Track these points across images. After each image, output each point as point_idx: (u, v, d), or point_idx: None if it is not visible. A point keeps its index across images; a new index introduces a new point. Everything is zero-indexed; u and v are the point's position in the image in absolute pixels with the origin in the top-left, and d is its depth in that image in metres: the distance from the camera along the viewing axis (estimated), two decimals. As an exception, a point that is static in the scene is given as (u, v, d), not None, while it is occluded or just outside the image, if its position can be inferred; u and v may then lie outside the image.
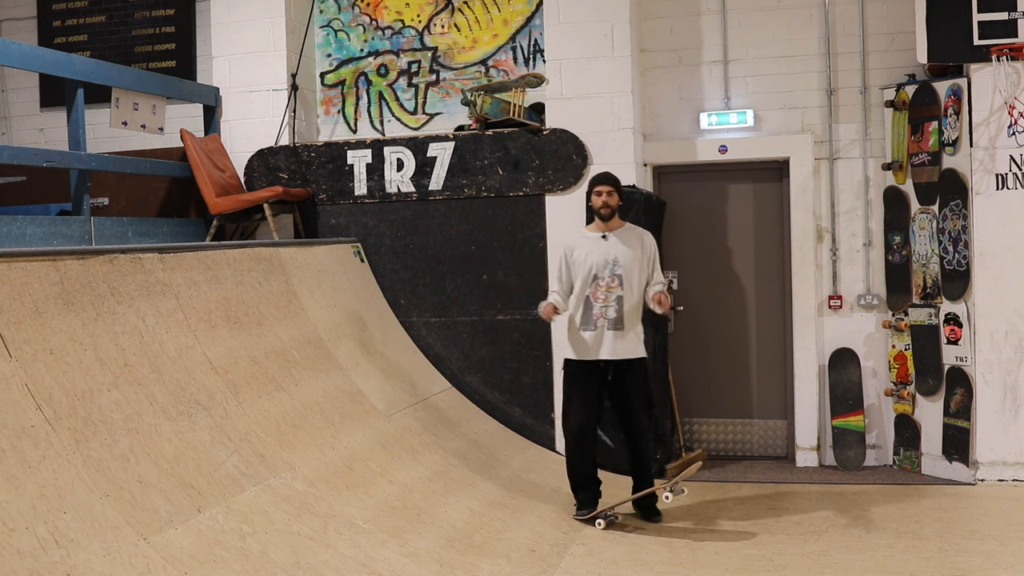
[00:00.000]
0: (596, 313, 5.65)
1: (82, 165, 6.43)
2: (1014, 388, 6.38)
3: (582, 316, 5.69)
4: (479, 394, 7.20)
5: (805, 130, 7.23)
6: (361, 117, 8.01)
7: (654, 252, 5.83)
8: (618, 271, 5.67)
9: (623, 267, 5.67)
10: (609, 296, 5.64)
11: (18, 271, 4.07)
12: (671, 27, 7.41)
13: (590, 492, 5.74)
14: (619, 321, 5.62)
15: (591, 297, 5.68)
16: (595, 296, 5.67)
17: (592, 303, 5.67)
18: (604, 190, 5.76)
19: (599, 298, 5.66)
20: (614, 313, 5.63)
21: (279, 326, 5.77)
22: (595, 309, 5.65)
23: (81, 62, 6.53)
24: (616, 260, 5.68)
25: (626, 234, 5.80)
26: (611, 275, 5.66)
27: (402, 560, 4.55)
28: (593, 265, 5.69)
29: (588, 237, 5.82)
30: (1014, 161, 6.35)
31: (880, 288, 7.13)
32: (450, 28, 7.82)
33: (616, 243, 5.73)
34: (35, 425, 3.73)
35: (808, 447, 7.21)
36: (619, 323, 5.62)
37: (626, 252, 5.71)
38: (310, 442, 5.15)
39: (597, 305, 5.65)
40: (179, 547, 3.81)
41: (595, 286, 5.68)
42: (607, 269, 5.67)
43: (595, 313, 5.65)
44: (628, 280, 5.67)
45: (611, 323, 5.63)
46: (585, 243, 5.79)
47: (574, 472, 5.79)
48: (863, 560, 4.97)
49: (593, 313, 5.66)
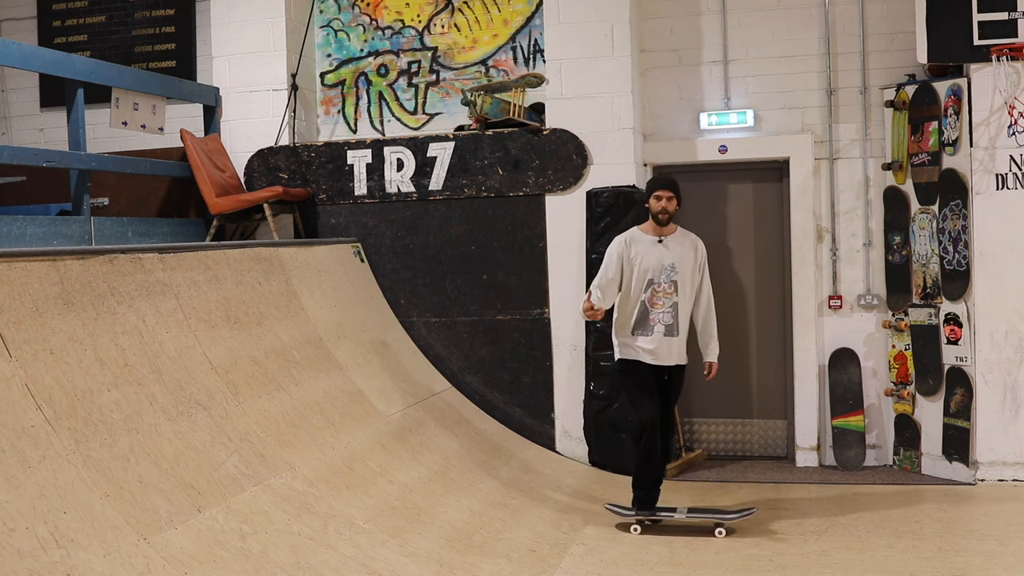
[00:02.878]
0: (653, 318, 5.58)
1: (82, 165, 6.42)
2: (1014, 388, 6.38)
3: (637, 321, 5.61)
4: (479, 394, 7.20)
5: (805, 130, 7.23)
6: (361, 117, 8.01)
7: (705, 259, 5.76)
8: (674, 277, 5.60)
9: (679, 273, 5.61)
10: (666, 302, 5.58)
11: (18, 271, 4.07)
12: (671, 27, 7.41)
13: (653, 491, 5.62)
14: (674, 328, 5.58)
15: (647, 303, 5.60)
16: (652, 302, 5.59)
17: (649, 309, 5.60)
18: (664, 195, 5.63)
19: (656, 304, 5.59)
20: (670, 319, 5.58)
21: (279, 326, 5.77)
22: (652, 315, 5.59)
23: (81, 62, 6.53)
24: (673, 266, 5.61)
25: (681, 239, 5.71)
26: (668, 281, 5.59)
27: (402, 560, 4.55)
28: (649, 269, 5.60)
29: (643, 240, 5.69)
30: (1014, 161, 6.35)
31: (880, 288, 7.13)
32: (450, 28, 7.82)
33: (673, 248, 5.65)
34: (35, 425, 3.73)
35: (808, 447, 7.21)
36: (674, 329, 5.58)
37: (682, 258, 5.63)
38: (310, 442, 5.15)
39: (654, 311, 5.59)
40: (179, 547, 3.81)
41: (652, 292, 5.60)
42: (664, 275, 5.60)
43: (652, 318, 5.58)
44: (683, 287, 5.61)
45: (667, 329, 5.58)
46: (640, 245, 5.66)
47: (645, 467, 5.62)
48: (863, 560, 4.97)
49: (650, 318, 5.59)
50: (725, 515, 5.52)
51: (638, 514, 5.56)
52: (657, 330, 5.57)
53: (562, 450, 7.06)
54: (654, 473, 5.62)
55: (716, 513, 5.55)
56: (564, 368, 7.09)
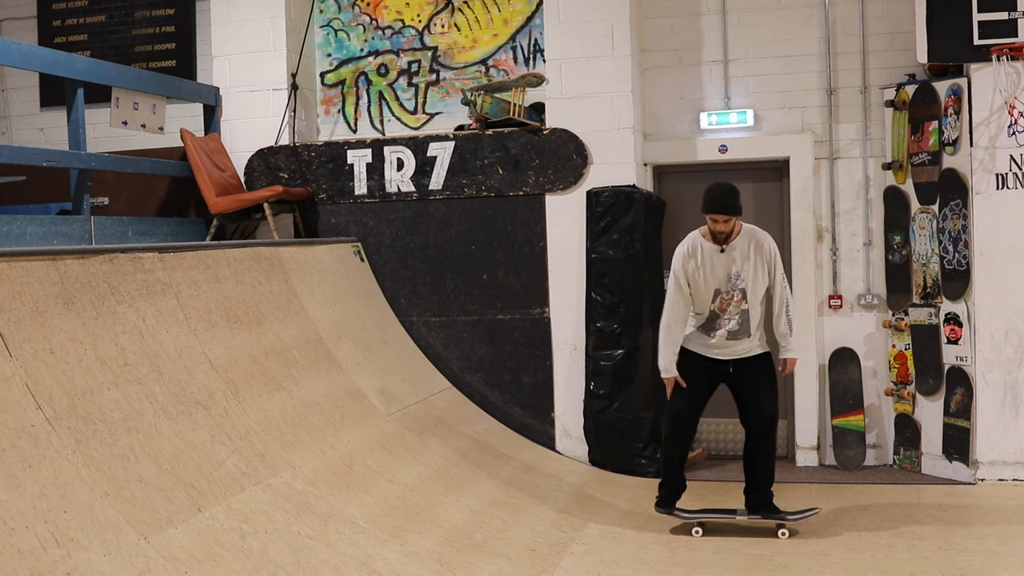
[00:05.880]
0: (719, 324, 5.45)
1: (82, 165, 6.42)
2: (1014, 388, 6.38)
3: (704, 324, 5.48)
4: (479, 393, 7.20)
5: (805, 130, 7.23)
6: (361, 117, 8.01)
7: (773, 255, 5.48)
8: (742, 285, 5.41)
9: (746, 280, 5.41)
10: (734, 310, 5.43)
11: (18, 271, 4.07)
12: (671, 27, 7.41)
13: (673, 489, 5.58)
14: (739, 332, 5.43)
15: (716, 310, 5.44)
16: (721, 309, 5.44)
17: (717, 314, 5.45)
18: (720, 219, 5.34)
19: (725, 311, 5.43)
20: (736, 326, 5.42)
21: (279, 326, 5.77)
22: (719, 320, 5.44)
23: (81, 62, 6.52)
24: (739, 275, 5.41)
25: (744, 242, 5.45)
26: (736, 289, 5.41)
27: (402, 559, 4.55)
28: (714, 280, 5.42)
29: (705, 248, 5.45)
30: (1014, 161, 6.35)
31: (880, 288, 7.13)
32: (450, 28, 7.82)
33: (737, 255, 5.42)
34: (35, 424, 3.73)
35: (808, 447, 7.21)
36: (739, 333, 5.43)
37: (748, 263, 5.41)
38: (310, 441, 5.15)
39: (723, 317, 5.43)
40: (179, 546, 3.81)
41: (720, 300, 5.43)
42: (730, 283, 5.41)
43: (718, 324, 5.45)
44: (753, 292, 5.42)
45: (730, 334, 5.44)
46: (701, 255, 5.44)
47: (664, 460, 5.62)
48: (863, 560, 4.97)
49: (717, 324, 5.45)
50: (787, 516, 5.44)
51: (657, 509, 5.53)
52: (720, 334, 5.45)
53: (562, 449, 7.06)
54: (672, 466, 5.56)
55: (777, 514, 5.47)
56: (564, 368, 7.09)
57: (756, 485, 5.51)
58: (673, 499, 5.58)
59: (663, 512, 5.57)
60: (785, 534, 5.37)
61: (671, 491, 5.59)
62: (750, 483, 5.55)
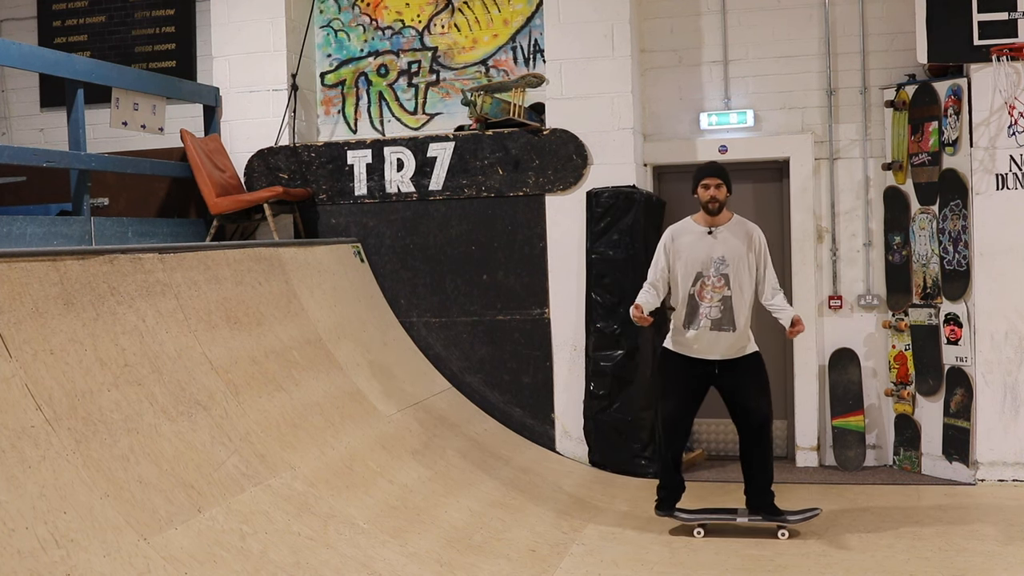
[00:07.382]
0: (701, 312, 5.33)
1: (82, 165, 6.42)
2: (1014, 388, 6.37)
3: (686, 315, 5.38)
4: (479, 394, 7.20)
5: (805, 130, 7.23)
6: (361, 117, 8.01)
7: (763, 248, 5.44)
8: (725, 270, 5.33)
9: (730, 266, 5.34)
10: (715, 296, 5.35)
11: (18, 271, 4.07)
12: (671, 27, 7.41)
13: (671, 491, 5.55)
14: (723, 322, 5.32)
15: (696, 296, 5.36)
16: (701, 295, 5.35)
17: (698, 302, 5.35)
18: (712, 183, 5.35)
19: (705, 298, 5.34)
20: (718, 314, 5.31)
21: (279, 326, 5.77)
22: (700, 308, 5.34)
23: (81, 62, 6.53)
24: (723, 259, 5.34)
25: (734, 229, 5.42)
26: (718, 274, 5.33)
27: (402, 560, 4.55)
28: (696, 262, 5.36)
29: (693, 230, 5.45)
30: (1014, 161, 6.35)
31: (880, 288, 7.13)
32: (450, 28, 7.82)
33: (723, 239, 5.37)
34: (35, 425, 3.73)
35: (808, 447, 7.21)
36: (723, 323, 5.32)
37: (734, 249, 5.36)
38: (310, 442, 5.15)
39: (703, 304, 5.34)
40: (179, 547, 3.81)
41: (700, 285, 5.35)
42: (713, 268, 5.33)
43: (700, 312, 5.34)
44: (737, 279, 5.34)
45: (714, 323, 5.32)
46: (689, 236, 5.43)
47: (661, 463, 5.60)
48: (863, 560, 4.97)
49: (699, 312, 5.34)
50: (788, 517, 5.42)
51: (657, 512, 5.53)
52: (703, 324, 5.34)
53: (562, 450, 7.06)
54: (668, 468, 5.54)
55: (778, 515, 5.45)
56: (564, 368, 7.09)
57: (756, 486, 5.50)
58: (672, 501, 5.58)
59: (663, 515, 5.57)
60: (785, 535, 5.37)
61: (670, 493, 5.58)
62: (749, 484, 5.54)
